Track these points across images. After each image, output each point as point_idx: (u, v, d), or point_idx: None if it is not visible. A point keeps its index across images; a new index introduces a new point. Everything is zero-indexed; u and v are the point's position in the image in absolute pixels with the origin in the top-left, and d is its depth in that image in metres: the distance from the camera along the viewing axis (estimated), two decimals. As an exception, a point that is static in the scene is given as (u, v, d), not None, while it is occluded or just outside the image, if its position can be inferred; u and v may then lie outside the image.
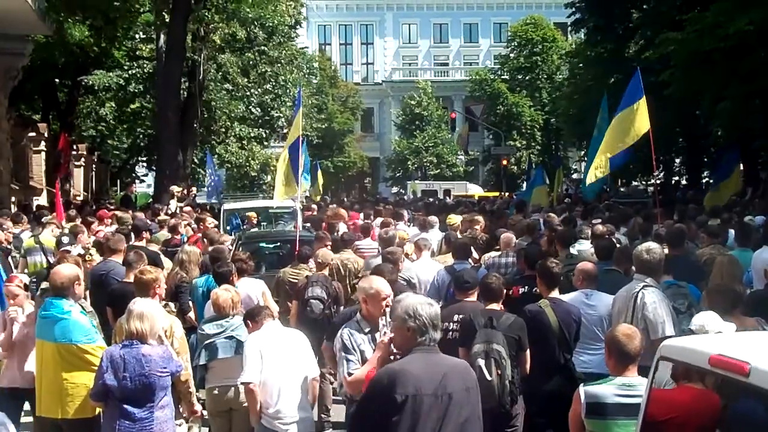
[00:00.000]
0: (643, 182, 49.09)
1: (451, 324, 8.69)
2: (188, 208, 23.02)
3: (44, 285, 9.37)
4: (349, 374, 6.70)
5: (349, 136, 76.11)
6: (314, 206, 24.14)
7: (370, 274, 8.93)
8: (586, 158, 61.05)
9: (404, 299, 5.88)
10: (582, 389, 6.48)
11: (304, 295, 11.48)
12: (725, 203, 20.45)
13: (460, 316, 8.61)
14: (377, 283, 7.14)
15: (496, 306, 8.44)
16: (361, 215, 22.48)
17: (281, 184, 16.35)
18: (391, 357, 6.06)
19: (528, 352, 8.15)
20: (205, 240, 15.26)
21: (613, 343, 6.40)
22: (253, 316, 8.09)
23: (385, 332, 6.42)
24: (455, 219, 17.67)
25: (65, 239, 14.62)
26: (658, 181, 17.11)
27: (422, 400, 5.31)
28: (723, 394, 5.39)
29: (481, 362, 7.68)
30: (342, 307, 11.18)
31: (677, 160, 47.46)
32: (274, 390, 7.60)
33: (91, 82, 37.56)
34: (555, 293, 8.92)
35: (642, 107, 14.86)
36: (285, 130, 48.16)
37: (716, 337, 6.19)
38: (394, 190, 66.89)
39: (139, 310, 7.37)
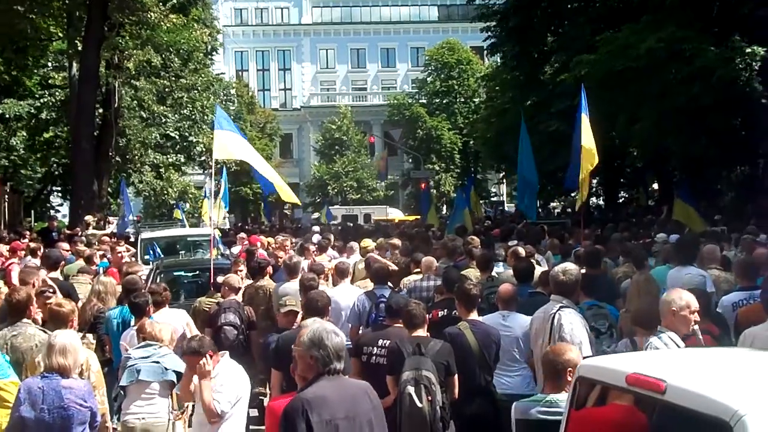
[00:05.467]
0: (561, 202, 49.83)
1: (375, 348, 8.69)
2: (105, 238, 22.61)
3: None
4: None
5: (268, 162, 75.53)
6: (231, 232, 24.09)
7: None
8: (504, 181, 62.00)
9: (311, 326, 5.85)
10: (513, 405, 6.60)
11: (217, 322, 11.37)
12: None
13: (385, 342, 8.60)
14: (686, 297, 7.31)
15: (422, 332, 8.41)
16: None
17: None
18: None
19: (456, 376, 8.13)
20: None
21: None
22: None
23: None
24: (369, 243, 17.79)
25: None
26: (580, 202, 17.61)
27: (337, 424, 5.38)
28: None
29: (411, 389, 7.65)
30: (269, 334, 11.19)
31: (594, 180, 48.15)
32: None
33: (1, 111, 36.80)
34: (474, 315, 8.93)
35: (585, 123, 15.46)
36: (203, 157, 47.86)
37: (633, 356, 6.26)
38: (315, 215, 66.72)
39: (61, 344, 7.19)
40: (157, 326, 8.83)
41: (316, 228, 30.45)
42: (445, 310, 10.08)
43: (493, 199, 68.88)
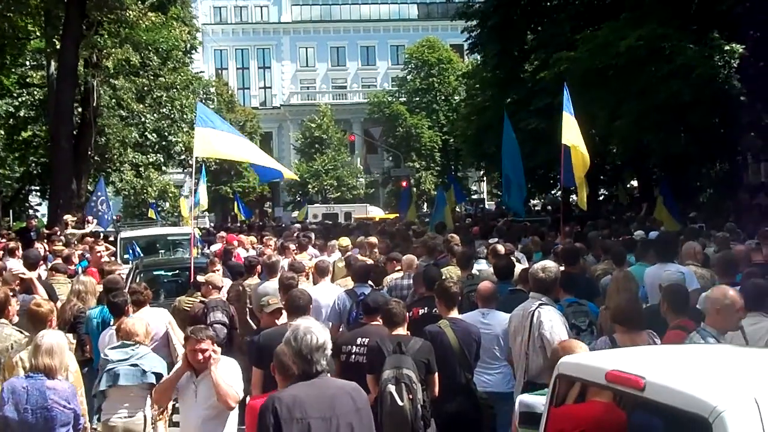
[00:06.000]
0: (541, 200, 49.89)
1: (354, 347, 8.66)
2: (88, 238, 22.47)
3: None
4: None
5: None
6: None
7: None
8: (484, 178, 62.05)
9: (293, 325, 5.82)
10: (518, 398, 6.55)
11: (206, 320, 11.30)
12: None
13: (365, 340, 8.58)
14: (730, 295, 7.28)
15: (402, 331, 8.39)
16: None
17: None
18: None
19: (436, 374, 8.10)
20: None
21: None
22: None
23: None
24: (346, 241, 17.79)
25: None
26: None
27: (309, 424, 5.31)
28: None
29: (392, 388, 7.62)
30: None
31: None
32: None
33: (-22, 111, 36.65)
34: (454, 313, 8.92)
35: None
36: (182, 156, 47.69)
37: (612, 353, 6.27)
38: (295, 214, 66.64)
39: (48, 344, 7.15)
40: (130, 321, 8.77)
41: (297, 225, 30.41)
42: (426, 308, 10.06)
43: (473, 196, 68.93)
